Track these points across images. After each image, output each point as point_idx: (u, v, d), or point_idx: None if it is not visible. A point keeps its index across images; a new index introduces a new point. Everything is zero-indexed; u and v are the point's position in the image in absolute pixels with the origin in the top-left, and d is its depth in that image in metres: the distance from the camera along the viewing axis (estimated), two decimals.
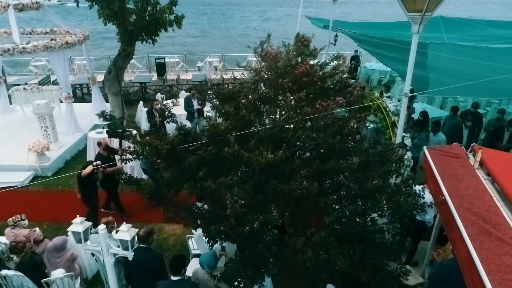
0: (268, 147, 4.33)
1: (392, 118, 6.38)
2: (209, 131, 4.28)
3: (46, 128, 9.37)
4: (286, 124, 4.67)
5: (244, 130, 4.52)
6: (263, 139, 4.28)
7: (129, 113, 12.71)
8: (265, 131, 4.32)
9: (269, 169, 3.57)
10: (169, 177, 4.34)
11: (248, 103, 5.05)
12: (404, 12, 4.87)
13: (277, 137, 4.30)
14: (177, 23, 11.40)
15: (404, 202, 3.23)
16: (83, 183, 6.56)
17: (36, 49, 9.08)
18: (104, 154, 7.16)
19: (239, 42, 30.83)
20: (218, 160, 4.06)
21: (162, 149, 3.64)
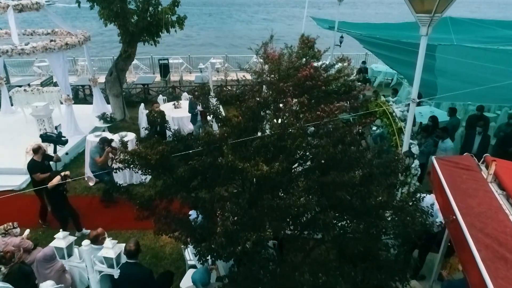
0: (267, 155, 4.09)
1: (398, 124, 6.10)
2: (203, 139, 4.05)
3: (44, 130, 9.22)
4: (286, 131, 4.43)
5: (241, 138, 4.29)
6: (260, 148, 4.03)
7: (130, 115, 12.55)
8: (262, 139, 4.07)
9: (264, 181, 3.32)
10: (161, 186, 4.12)
11: (246, 108, 4.82)
12: (412, 14, 4.59)
13: (275, 146, 4.06)
14: (179, 24, 11.23)
15: (411, 221, 2.97)
16: (51, 195, 6.25)
17: (35, 50, 8.94)
18: (38, 160, 6.86)
19: (243, 43, 30.61)
20: (212, 170, 3.83)
21: (151, 159, 3.41)
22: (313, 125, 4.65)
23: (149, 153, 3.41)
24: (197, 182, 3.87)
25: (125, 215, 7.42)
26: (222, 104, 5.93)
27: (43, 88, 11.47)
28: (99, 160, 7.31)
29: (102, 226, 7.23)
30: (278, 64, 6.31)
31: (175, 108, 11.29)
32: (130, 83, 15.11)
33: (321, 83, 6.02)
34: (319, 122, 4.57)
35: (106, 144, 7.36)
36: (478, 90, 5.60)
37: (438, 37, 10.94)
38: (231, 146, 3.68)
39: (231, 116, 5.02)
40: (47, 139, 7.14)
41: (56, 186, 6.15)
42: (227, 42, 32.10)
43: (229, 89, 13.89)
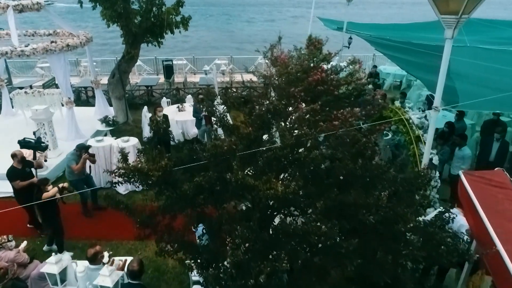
0: (278, 170, 3.75)
1: (416, 131, 5.73)
2: (209, 151, 3.72)
3: (44, 134, 8.94)
4: (299, 142, 4.09)
5: (250, 149, 3.95)
6: (271, 160, 3.69)
7: (133, 118, 12.25)
8: (274, 151, 3.73)
9: (278, 201, 2.98)
10: (164, 201, 3.79)
11: (256, 117, 4.48)
12: (436, 15, 4.23)
13: (288, 159, 3.72)
14: (184, 24, 10.92)
15: (445, 250, 2.62)
16: (44, 206, 5.92)
17: (35, 52, 8.66)
18: (18, 167, 6.56)
19: (248, 44, 30.29)
20: (220, 184, 3.50)
21: (153, 176, 3.08)
22: (327, 135, 4.32)
23: (151, 168, 3.08)
24: (203, 198, 3.54)
25: (125, 225, 7.08)
26: (228, 109, 5.62)
27: (44, 90, 11.20)
28: (75, 167, 7.00)
29: (102, 236, 6.99)
30: (287, 67, 5.98)
31: (179, 111, 10.98)
32: (133, 85, 14.83)
33: (333, 88, 5.68)
34: (335, 132, 4.24)
35: (84, 151, 7.05)
36: (506, 97, 5.21)
37: None
38: (239, 161, 3.34)
39: (239, 124, 4.70)
40: (25, 145, 6.82)
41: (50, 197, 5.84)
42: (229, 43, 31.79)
43: (235, 91, 13.60)
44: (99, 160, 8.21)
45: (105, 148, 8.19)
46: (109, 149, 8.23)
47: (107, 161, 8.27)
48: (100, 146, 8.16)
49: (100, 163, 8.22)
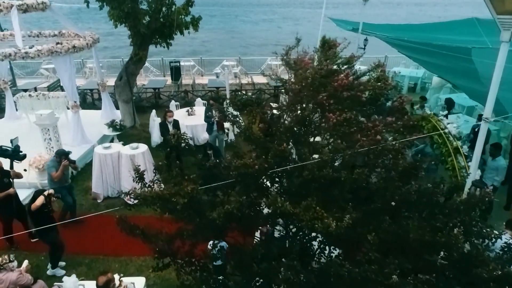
0: (316, 193, 3.29)
1: (454, 143, 5.25)
2: (237, 169, 3.26)
3: (49, 140, 8.54)
4: (336, 159, 3.64)
5: (280, 166, 3.49)
6: (309, 182, 3.23)
7: (141, 122, 11.83)
8: (311, 171, 3.26)
9: (328, 237, 2.52)
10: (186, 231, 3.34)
11: (285, 129, 4.02)
12: (491, 15, 3.75)
13: (327, 179, 3.25)
14: (194, 25, 10.48)
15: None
16: (35, 217, 5.49)
17: (40, 54, 8.26)
18: None
19: (255, 45, 29.85)
20: (251, 211, 3.04)
21: (178, 203, 2.63)
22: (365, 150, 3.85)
23: (174, 193, 2.63)
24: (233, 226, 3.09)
25: (135, 240, 6.68)
26: (239, 112, 5.19)
27: (49, 94, 10.80)
28: (55, 175, 6.58)
29: (110, 251, 6.55)
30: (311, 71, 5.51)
31: (188, 115, 10.54)
32: (140, 87, 14.41)
33: (360, 94, 5.21)
34: (376, 147, 3.77)
35: (63, 157, 6.63)
36: None
37: (468, 39, 10.05)
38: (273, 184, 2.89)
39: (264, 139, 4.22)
40: (2, 153, 6.39)
41: (40, 207, 5.42)
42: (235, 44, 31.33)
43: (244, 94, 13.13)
44: (106, 168, 7.80)
45: (113, 155, 7.76)
46: (117, 157, 7.80)
47: (115, 170, 7.84)
48: (107, 154, 7.74)
49: (108, 171, 7.80)
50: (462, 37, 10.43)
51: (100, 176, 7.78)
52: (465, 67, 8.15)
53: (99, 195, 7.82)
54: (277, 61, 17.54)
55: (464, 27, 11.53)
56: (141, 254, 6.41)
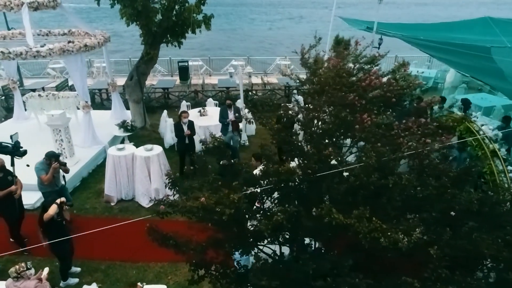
0: (364, 202, 3.04)
1: (490, 145, 5.00)
2: (277, 175, 3.03)
3: (61, 141, 8.32)
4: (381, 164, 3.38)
5: (321, 171, 3.25)
6: (357, 189, 2.99)
7: (151, 122, 11.61)
8: (358, 177, 3.02)
9: (393, 252, 2.28)
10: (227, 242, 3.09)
11: (323, 132, 3.78)
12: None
13: (376, 186, 3.01)
14: (206, 23, 10.24)
15: None
16: (47, 227, 5.20)
17: (52, 53, 8.03)
18: None
19: (263, 45, 29.61)
20: (297, 220, 2.80)
21: (224, 214, 2.40)
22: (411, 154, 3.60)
23: (220, 204, 2.40)
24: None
25: (152, 243, 6.46)
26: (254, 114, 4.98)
27: (58, 94, 10.57)
28: (45, 178, 6.35)
29: (127, 257, 6.31)
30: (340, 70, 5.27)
31: (200, 115, 10.31)
32: (149, 87, 14.19)
33: (390, 95, 4.99)
34: (422, 150, 3.53)
35: (53, 160, 6.38)
36: None
37: (485, 39, 9.81)
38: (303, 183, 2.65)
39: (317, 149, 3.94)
40: (1, 150, 6.14)
41: (53, 216, 5.16)
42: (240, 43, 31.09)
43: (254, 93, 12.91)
44: (120, 170, 7.57)
45: (127, 157, 7.54)
46: (131, 159, 7.58)
47: (128, 172, 7.62)
48: (121, 155, 7.52)
49: (122, 173, 7.58)
50: (478, 36, 10.19)
51: (113, 178, 7.55)
52: (489, 67, 7.93)
53: (113, 198, 7.60)
54: (286, 61, 17.33)
55: (479, 27, 11.28)
56: (158, 260, 6.19)
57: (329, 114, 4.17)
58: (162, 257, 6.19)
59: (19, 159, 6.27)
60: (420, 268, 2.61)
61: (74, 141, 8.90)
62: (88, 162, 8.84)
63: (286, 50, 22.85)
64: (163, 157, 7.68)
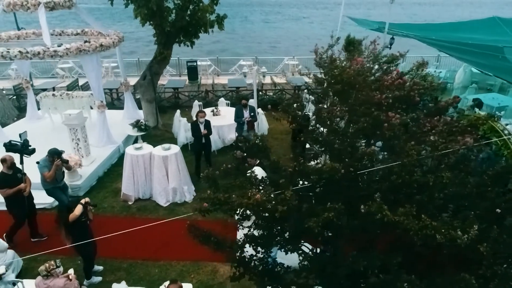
0: (405, 199, 3.06)
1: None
2: (319, 173, 3.04)
3: (77, 141, 8.35)
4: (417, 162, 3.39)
5: (357, 170, 3.27)
6: (400, 187, 3.00)
7: (162, 122, 11.63)
8: (399, 175, 3.04)
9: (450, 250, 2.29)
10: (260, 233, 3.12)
11: (357, 131, 3.80)
12: None
13: (419, 184, 3.02)
14: (219, 23, 10.28)
15: None
16: (72, 227, 5.21)
17: (69, 53, 8.06)
18: (8, 173, 6.04)
19: (269, 45, 29.61)
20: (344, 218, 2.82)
21: (276, 211, 2.42)
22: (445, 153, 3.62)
23: (272, 201, 2.42)
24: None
25: (173, 242, 6.48)
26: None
27: (72, 93, 10.61)
28: (47, 175, 6.39)
29: (148, 256, 6.34)
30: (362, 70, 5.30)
31: (213, 115, 10.32)
32: (159, 87, 14.22)
33: (414, 93, 4.99)
34: (458, 149, 3.55)
35: (56, 157, 6.44)
36: None
37: (496, 38, 9.82)
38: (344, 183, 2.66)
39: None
40: (10, 148, 6.25)
41: (78, 217, 5.19)
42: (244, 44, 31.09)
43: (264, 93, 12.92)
44: (138, 169, 7.60)
45: (145, 156, 7.56)
46: (149, 158, 7.60)
47: (146, 171, 7.64)
48: (139, 155, 7.54)
49: (139, 173, 7.60)
50: (488, 36, 10.21)
51: (131, 177, 7.58)
52: (503, 65, 7.96)
53: (130, 197, 7.62)
54: (294, 61, 17.36)
55: (487, 27, 11.29)
56: (180, 259, 6.21)
57: (359, 113, 4.19)
58: (184, 256, 6.22)
59: (28, 157, 6.33)
60: (464, 266, 2.63)
61: (89, 141, 8.93)
62: (103, 161, 8.87)
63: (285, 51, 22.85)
64: (181, 157, 7.70)
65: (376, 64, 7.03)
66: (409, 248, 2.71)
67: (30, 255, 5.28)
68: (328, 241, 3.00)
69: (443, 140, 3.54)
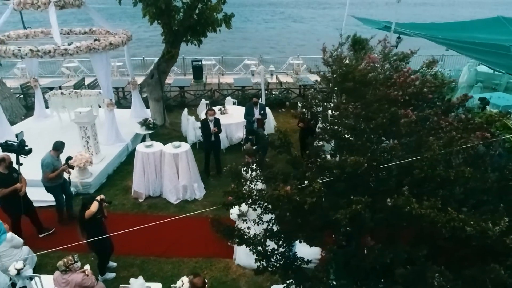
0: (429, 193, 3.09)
1: None
2: (341, 167, 3.07)
3: (87, 138, 8.39)
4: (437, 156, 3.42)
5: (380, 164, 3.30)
6: (422, 181, 3.04)
7: (169, 120, 11.68)
8: (421, 169, 3.07)
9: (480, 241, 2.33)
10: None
11: (377, 126, 3.84)
12: None
13: (442, 178, 3.05)
14: (226, 22, 10.31)
15: None
16: (88, 225, 5.22)
17: (79, 51, 8.10)
18: (4, 172, 6.06)
19: (273, 44, 29.67)
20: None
21: (305, 203, 2.45)
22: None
23: (301, 196, 2.45)
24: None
25: (185, 239, 6.52)
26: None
27: (81, 92, 10.65)
28: (50, 175, 6.51)
29: (160, 252, 6.37)
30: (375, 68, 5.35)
31: (221, 114, 10.36)
32: (166, 86, 14.27)
33: (427, 91, 5.04)
34: (477, 144, 3.59)
35: (61, 151, 6.64)
36: None
37: (502, 38, 9.86)
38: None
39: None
40: (7, 148, 6.30)
41: (94, 213, 5.21)
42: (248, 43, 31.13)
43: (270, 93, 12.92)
44: (148, 167, 7.64)
45: (156, 154, 7.60)
46: (159, 155, 7.64)
47: (157, 169, 7.67)
48: (150, 152, 7.58)
49: (150, 170, 7.64)
50: (494, 35, 10.24)
51: (142, 175, 7.61)
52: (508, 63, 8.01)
53: (141, 194, 7.66)
54: (299, 60, 17.39)
55: (492, 26, 11.31)
56: (192, 256, 6.25)
57: (375, 110, 4.22)
58: (196, 253, 6.26)
59: (25, 157, 6.38)
60: (490, 259, 2.66)
61: (98, 139, 8.97)
62: (112, 159, 8.90)
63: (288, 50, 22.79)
64: (191, 154, 7.73)
65: (387, 62, 7.09)
66: (431, 241, 2.75)
67: (42, 251, 5.34)
68: (351, 234, 3.03)
69: (460, 135, 3.58)
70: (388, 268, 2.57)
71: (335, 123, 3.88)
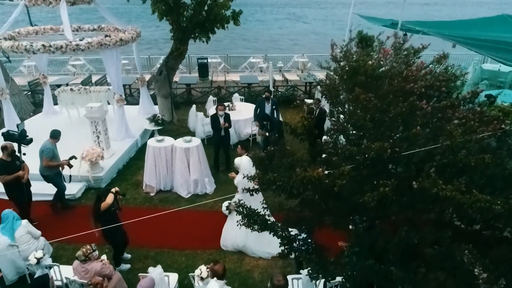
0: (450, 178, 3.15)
1: None
2: (365, 153, 3.13)
3: (98, 134, 8.46)
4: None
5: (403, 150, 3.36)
6: (445, 167, 3.09)
7: (177, 117, 11.74)
8: (443, 155, 3.13)
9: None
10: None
11: (396, 115, 3.89)
12: None
13: (464, 164, 3.11)
14: (235, 19, 10.37)
15: None
16: (102, 217, 5.25)
17: (90, 47, 8.16)
18: (7, 160, 6.23)
19: (275, 44, 29.73)
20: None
21: (335, 186, 2.51)
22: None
23: (332, 179, 2.51)
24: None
25: (198, 232, 6.58)
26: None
27: (90, 88, 10.73)
28: (51, 164, 6.72)
29: (174, 245, 6.44)
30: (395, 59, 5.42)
31: (229, 110, 10.41)
32: (173, 83, 14.34)
33: (440, 84, 5.09)
34: (495, 133, 3.65)
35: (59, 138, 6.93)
36: None
37: (509, 35, 9.92)
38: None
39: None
40: (8, 137, 6.43)
41: (109, 205, 5.25)
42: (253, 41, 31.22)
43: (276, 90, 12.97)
44: (160, 161, 7.70)
45: (167, 148, 7.67)
46: (171, 150, 7.71)
47: (168, 163, 7.74)
48: (161, 147, 7.64)
49: (161, 164, 7.71)
50: (499, 33, 10.30)
51: (153, 169, 7.68)
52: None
53: (153, 188, 7.73)
54: (304, 58, 17.45)
55: (498, 24, 11.37)
56: (206, 248, 6.31)
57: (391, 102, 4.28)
58: (208, 245, 6.32)
59: (25, 147, 6.51)
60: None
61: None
62: (123, 154, 8.98)
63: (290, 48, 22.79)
64: (202, 149, 7.80)
65: (399, 57, 7.15)
66: (453, 225, 2.81)
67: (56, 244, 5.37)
68: (374, 218, 3.09)
69: (477, 125, 3.64)
70: (414, 249, 2.63)
71: (356, 114, 3.92)
